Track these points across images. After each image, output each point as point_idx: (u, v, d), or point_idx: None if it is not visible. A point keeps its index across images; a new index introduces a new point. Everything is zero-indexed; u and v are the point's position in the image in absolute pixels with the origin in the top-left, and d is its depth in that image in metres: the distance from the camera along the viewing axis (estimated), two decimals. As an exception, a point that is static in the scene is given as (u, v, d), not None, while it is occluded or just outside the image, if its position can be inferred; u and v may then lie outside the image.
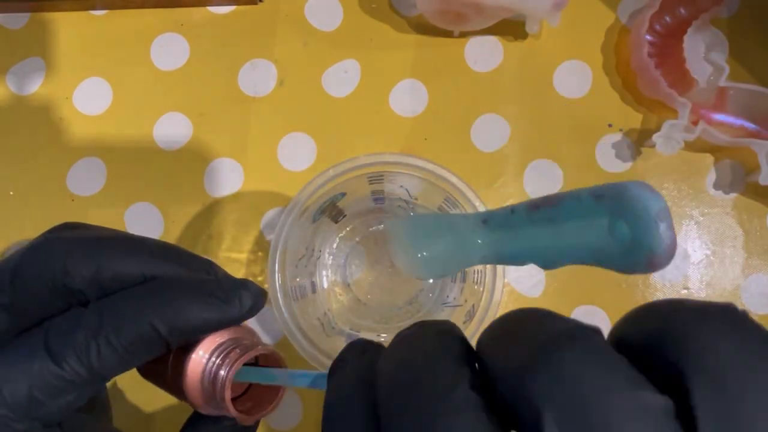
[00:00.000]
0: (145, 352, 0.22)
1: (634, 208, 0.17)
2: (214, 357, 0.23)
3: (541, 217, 0.21)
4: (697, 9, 0.42)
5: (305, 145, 0.46)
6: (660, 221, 0.16)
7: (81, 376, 0.21)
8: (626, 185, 0.17)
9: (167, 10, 0.48)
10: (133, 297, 0.22)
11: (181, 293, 0.22)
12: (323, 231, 0.42)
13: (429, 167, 0.34)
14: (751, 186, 0.44)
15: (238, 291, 0.23)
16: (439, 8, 0.42)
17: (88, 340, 0.21)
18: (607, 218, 0.18)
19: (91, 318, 0.21)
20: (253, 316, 0.24)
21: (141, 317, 0.21)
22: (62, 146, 0.46)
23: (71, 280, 0.22)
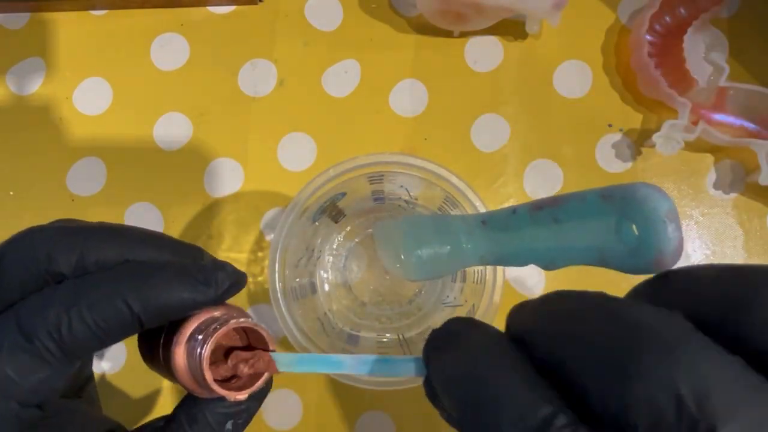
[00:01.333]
0: (118, 330, 0.21)
1: (643, 208, 0.17)
2: (197, 336, 0.22)
3: (545, 218, 0.21)
4: (697, 9, 0.42)
5: (305, 145, 0.46)
6: (669, 222, 0.17)
7: (52, 352, 0.20)
8: (635, 186, 0.17)
9: (167, 10, 0.48)
10: (108, 275, 0.22)
11: (156, 272, 0.22)
12: (323, 231, 0.42)
13: (429, 167, 0.34)
14: (751, 186, 0.44)
15: (216, 272, 0.23)
16: (439, 8, 0.42)
17: (60, 315, 0.20)
18: (614, 219, 0.18)
19: (64, 294, 0.21)
20: (231, 296, 0.23)
21: (114, 294, 0.21)
22: (62, 146, 0.46)
23: (55, 266, 0.22)
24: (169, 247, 0.24)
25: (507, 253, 0.25)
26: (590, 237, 0.19)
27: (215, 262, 0.24)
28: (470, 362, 0.17)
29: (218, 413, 0.24)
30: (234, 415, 0.25)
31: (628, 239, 0.18)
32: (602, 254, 0.19)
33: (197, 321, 0.23)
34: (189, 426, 0.24)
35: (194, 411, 0.24)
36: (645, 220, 0.17)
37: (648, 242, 0.17)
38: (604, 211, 0.19)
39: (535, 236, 0.22)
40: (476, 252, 0.27)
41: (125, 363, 0.44)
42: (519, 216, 0.23)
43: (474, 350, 0.17)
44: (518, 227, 0.23)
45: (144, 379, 0.44)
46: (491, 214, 0.26)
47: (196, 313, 0.23)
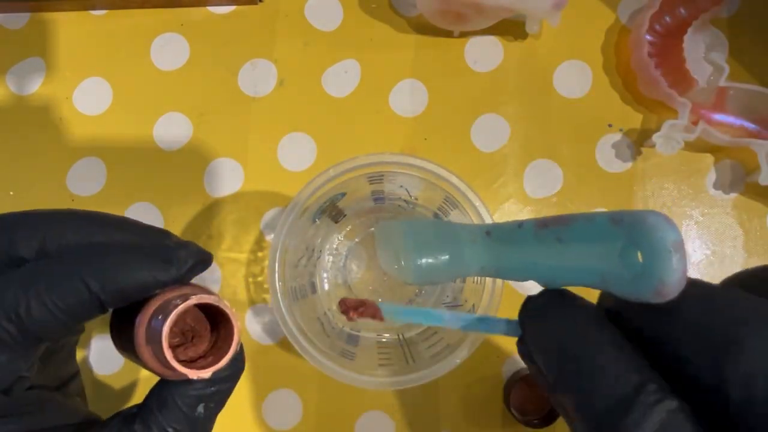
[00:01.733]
0: (78, 310, 0.21)
1: (650, 236, 0.17)
2: (157, 314, 0.22)
3: (550, 236, 0.21)
4: (697, 9, 0.42)
5: (305, 145, 0.46)
6: (674, 252, 0.17)
7: (10, 333, 0.20)
8: (645, 213, 0.17)
9: (167, 10, 0.48)
10: (67, 257, 0.21)
11: (117, 253, 0.22)
12: (323, 231, 0.42)
13: (429, 167, 0.34)
14: (751, 186, 0.44)
15: (178, 250, 0.22)
16: (439, 8, 0.42)
17: (18, 296, 0.20)
18: (620, 243, 0.18)
19: (22, 275, 0.21)
20: (196, 275, 0.23)
21: (72, 273, 0.21)
22: (62, 146, 0.46)
23: (16, 250, 0.21)
24: (133, 231, 0.24)
25: (508, 267, 0.25)
26: (594, 259, 0.19)
27: (178, 242, 0.23)
28: (571, 330, 0.19)
29: (189, 396, 0.23)
30: (205, 397, 0.24)
31: (631, 265, 0.18)
32: (604, 278, 0.19)
33: (160, 300, 0.22)
34: (159, 410, 0.23)
35: (164, 394, 0.23)
36: (651, 248, 0.17)
37: (652, 270, 0.17)
38: (611, 235, 0.19)
39: (538, 253, 0.22)
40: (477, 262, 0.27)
41: (124, 364, 0.44)
42: (524, 231, 0.23)
43: (575, 319, 0.19)
44: (522, 242, 0.23)
45: (141, 381, 0.44)
46: (496, 226, 0.25)
47: (160, 293, 0.22)
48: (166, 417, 0.23)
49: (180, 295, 0.22)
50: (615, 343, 0.17)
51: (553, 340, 0.19)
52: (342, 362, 0.33)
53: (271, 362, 0.44)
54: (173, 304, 0.22)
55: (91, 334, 0.45)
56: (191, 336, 0.23)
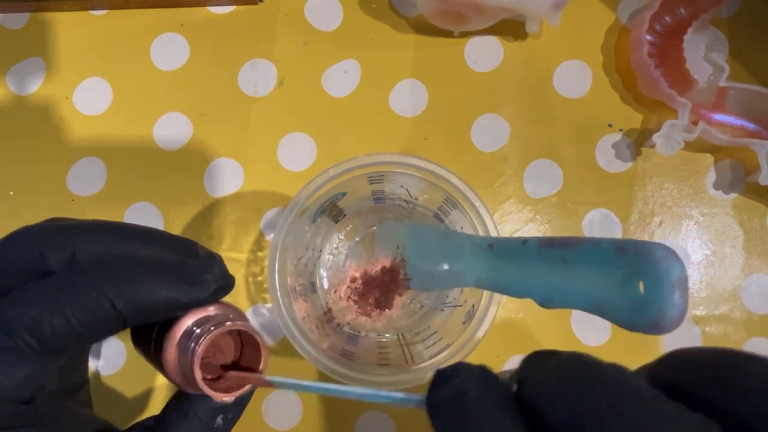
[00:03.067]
0: (101, 327, 0.21)
1: (656, 268, 0.17)
2: (188, 335, 0.22)
3: (554, 256, 0.21)
4: (697, 9, 0.42)
5: (305, 145, 0.46)
6: (678, 288, 0.17)
7: (33, 347, 0.20)
8: (653, 245, 0.17)
9: (167, 10, 0.48)
10: (92, 272, 0.21)
11: (141, 270, 0.22)
12: (323, 231, 0.42)
13: (429, 167, 0.34)
14: (751, 186, 0.44)
15: (203, 273, 0.22)
16: (439, 8, 0.42)
17: (41, 311, 0.20)
18: (623, 272, 0.18)
19: (45, 290, 0.21)
20: (220, 298, 0.23)
21: (97, 290, 0.20)
22: (62, 146, 0.46)
23: (47, 263, 0.21)
24: (164, 243, 0.24)
25: (506, 282, 0.24)
26: (594, 284, 0.19)
27: (205, 261, 0.23)
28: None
29: (208, 408, 0.24)
30: (224, 409, 0.24)
31: (631, 295, 0.18)
32: (601, 304, 0.19)
33: (191, 319, 0.23)
34: (179, 421, 0.24)
35: (184, 407, 0.24)
36: (655, 280, 0.17)
37: (652, 302, 0.17)
38: (615, 263, 0.19)
39: (538, 272, 0.22)
40: (474, 274, 0.27)
41: (124, 364, 0.44)
42: (528, 248, 0.23)
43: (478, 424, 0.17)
44: (524, 259, 0.23)
45: (142, 380, 0.44)
46: (500, 240, 0.25)
47: (191, 312, 0.23)
48: (185, 429, 0.24)
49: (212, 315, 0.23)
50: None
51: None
52: (342, 362, 0.33)
53: (271, 362, 0.44)
54: (208, 327, 0.22)
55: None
56: (214, 352, 0.24)
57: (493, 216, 0.44)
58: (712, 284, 0.43)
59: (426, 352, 0.35)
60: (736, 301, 0.43)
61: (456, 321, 0.37)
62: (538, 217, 0.44)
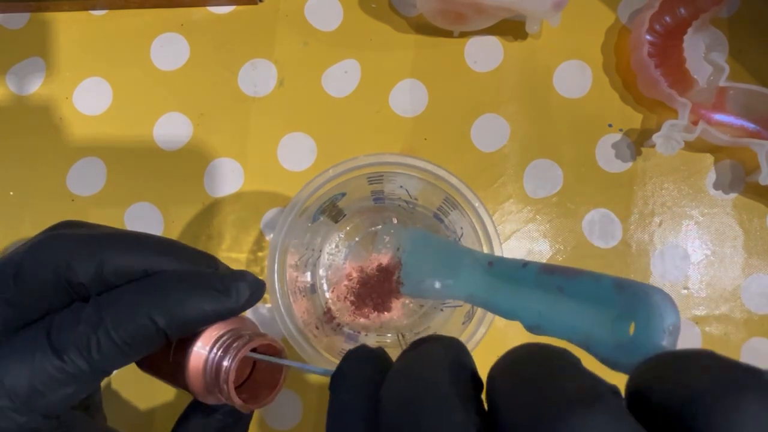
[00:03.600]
0: (144, 344, 0.22)
1: (651, 312, 0.17)
2: (216, 349, 0.23)
3: (551, 283, 0.21)
4: (697, 9, 0.42)
5: (305, 145, 0.46)
6: (669, 335, 0.17)
7: (81, 369, 0.21)
8: (652, 289, 0.17)
9: (167, 10, 0.48)
10: (132, 291, 0.22)
11: (179, 286, 0.22)
12: (323, 231, 0.42)
13: (428, 168, 0.34)
14: (751, 186, 0.44)
15: (236, 282, 0.23)
16: (439, 8, 0.42)
17: (89, 334, 0.21)
18: (617, 310, 0.18)
19: (91, 312, 0.21)
20: (251, 306, 0.24)
21: (140, 311, 0.21)
22: (62, 146, 0.46)
23: (74, 275, 0.22)
24: (185, 256, 0.24)
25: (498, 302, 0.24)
26: (585, 318, 0.19)
27: (234, 273, 0.24)
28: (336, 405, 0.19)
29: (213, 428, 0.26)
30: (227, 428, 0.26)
31: (620, 334, 0.18)
32: (588, 339, 0.19)
33: (217, 331, 0.23)
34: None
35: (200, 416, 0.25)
36: (647, 323, 0.17)
37: (640, 344, 0.17)
38: (611, 300, 0.19)
39: (532, 297, 0.22)
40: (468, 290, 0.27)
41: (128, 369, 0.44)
42: (527, 272, 0.23)
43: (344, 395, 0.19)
44: (521, 282, 0.23)
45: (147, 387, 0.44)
46: (500, 260, 0.25)
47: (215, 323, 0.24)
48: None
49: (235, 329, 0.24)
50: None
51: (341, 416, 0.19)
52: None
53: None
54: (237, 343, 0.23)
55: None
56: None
57: (493, 216, 0.44)
58: (712, 284, 0.43)
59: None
60: (736, 301, 0.43)
61: (456, 321, 0.37)
62: (538, 217, 0.44)
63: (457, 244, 0.36)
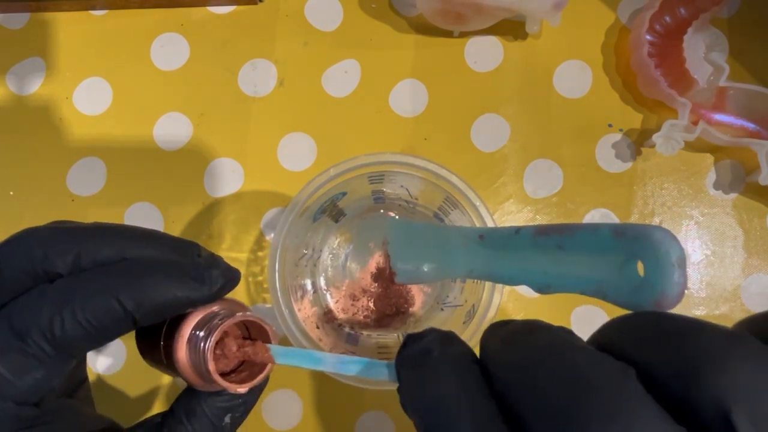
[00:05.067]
0: (112, 328, 0.21)
1: (656, 250, 0.17)
2: (198, 331, 0.23)
3: (549, 243, 0.21)
4: (697, 9, 0.42)
5: (305, 145, 0.46)
6: (678, 267, 0.17)
7: (46, 352, 0.20)
8: (651, 228, 0.18)
9: (167, 10, 0.48)
10: (101, 273, 0.22)
11: (150, 271, 0.22)
12: (323, 230, 0.42)
13: (429, 167, 0.34)
14: (751, 186, 0.44)
15: (209, 270, 0.23)
16: (439, 8, 0.42)
17: (53, 314, 0.20)
18: (621, 255, 0.19)
19: (57, 293, 0.21)
20: (227, 293, 0.23)
21: (107, 292, 0.21)
22: (62, 146, 0.46)
23: (51, 265, 0.21)
24: (166, 245, 0.24)
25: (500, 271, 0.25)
26: (592, 269, 0.20)
27: (208, 259, 0.24)
28: (434, 390, 0.17)
29: (217, 407, 0.24)
30: (232, 408, 0.25)
31: (631, 277, 0.18)
32: (601, 287, 0.19)
33: (199, 316, 0.23)
34: (187, 419, 0.24)
35: (193, 405, 0.24)
36: (656, 262, 0.17)
37: (654, 283, 0.17)
38: (613, 247, 0.19)
39: (533, 260, 0.22)
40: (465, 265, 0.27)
41: (125, 362, 0.44)
42: (521, 237, 0.23)
43: (440, 378, 0.17)
44: (518, 248, 0.23)
45: (144, 379, 0.44)
46: (491, 230, 0.26)
47: (197, 309, 0.23)
48: (194, 427, 0.24)
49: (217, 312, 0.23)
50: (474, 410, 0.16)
51: (419, 399, 0.18)
52: (342, 362, 0.33)
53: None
54: (216, 321, 0.23)
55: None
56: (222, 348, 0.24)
57: (493, 216, 0.44)
58: (712, 284, 0.43)
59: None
60: (736, 301, 0.43)
61: (456, 321, 0.37)
62: (538, 217, 0.44)
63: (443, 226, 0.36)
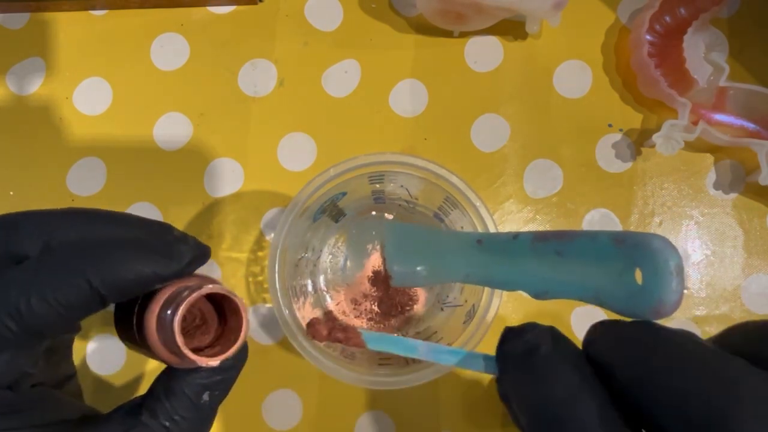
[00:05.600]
0: (80, 306, 0.21)
1: (655, 259, 0.18)
2: (167, 307, 0.22)
3: (548, 250, 0.21)
4: (697, 9, 0.42)
5: (305, 145, 0.46)
6: (676, 275, 0.17)
7: (12, 331, 0.20)
8: (650, 236, 0.18)
9: (167, 10, 0.48)
10: (68, 252, 0.22)
11: (116, 248, 0.22)
12: (323, 230, 0.42)
13: (429, 167, 0.34)
14: (751, 186, 0.44)
15: (178, 245, 0.23)
16: (439, 8, 0.42)
17: (19, 294, 0.20)
18: (620, 263, 0.19)
19: (23, 272, 0.21)
20: (195, 269, 0.23)
21: (74, 270, 0.21)
22: (62, 146, 0.46)
23: (21, 247, 0.22)
24: (136, 225, 0.24)
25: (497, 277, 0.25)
26: (590, 276, 0.20)
27: (178, 236, 0.24)
28: (554, 392, 0.18)
29: (195, 384, 0.24)
30: (211, 386, 0.24)
31: (629, 285, 0.18)
32: (598, 294, 0.20)
33: (168, 292, 0.23)
34: (166, 398, 0.24)
35: (171, 383, 0.24)
36: (654, 270, 0.18)
37: (652, 291, 0.18)
38: (612, 255, 0.19)
39: (531, 266, 0.22)
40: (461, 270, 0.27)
41: (125, 363, 0.44)
42: (520, 243, 0.23)
43: (553, 376, 0.18)
44: (516, 253, 0.23)
45: (143, 379, 0.44)
46: (489, 236, 0.26)
47: (167, 285, 0.23)
48: (173, 405, 0.24)
49: (188, 286, 0.23)
50: (592, 409, 0.17)
51: (534, 397, 0.18)
52: (342, 362, 0.33)
53: (271, 362, 0.44)
54: (184, 294, 0.22)
55: (90, 334, 0.44)
56: (199, 324, 0.24)
57: (493, 216, 0.44)
58: (712, 284, 0.43)
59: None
60: (736, 301, 0.43)
61: (456, 321, 0.37)
62: (538, 217, 0.44)
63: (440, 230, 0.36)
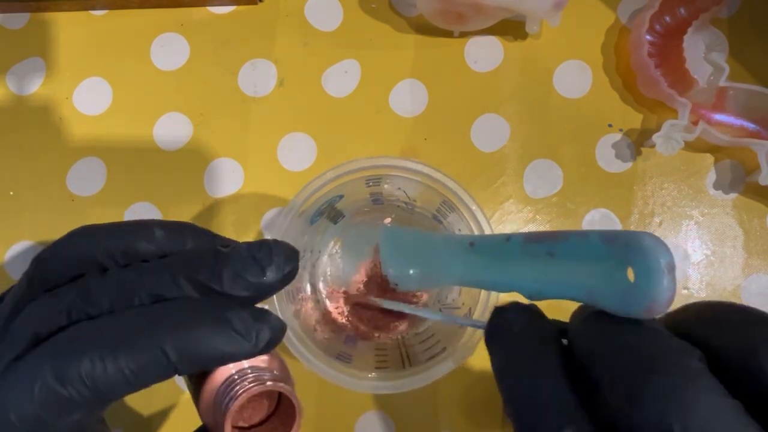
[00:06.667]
0: (153, 376, 0.21)
1: (646, 257, 0.18)
2: (224, 386, 0.22)
3: (540, 251, 0.21)
4: (697, 9, 0.42)
5: (305, 145, 0.46)
6: (667, 273, 0.18)
7: (85, 397, 0.20)
8: (641, 235, 0.18)
9: (167, 10, 0.48)
10: (148, 316, 0.21)
11: (197, 319, 0.21)
12: (321, 232, 0.42)
13: (425, 171, 0.33)
14: (751, 186, 0.44)
15: (259, 325, 0.22)
16: (439, 8, 0.42)
17: (94, 361, 0.20)
18: (612, 262, 0.19)
19: (100, 335, 0.21)
20: (269, 351, 0.23)
21: (152, 341, 0.20)
22: (62, 146, 0.47)
23: (94, 255, 0.23)
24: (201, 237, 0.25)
25: (490, 279, 0.25)
26: (583, 275, 0.20)
27: (258, 313, 0.23)
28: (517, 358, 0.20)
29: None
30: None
31: (621, 283, 0.19)
32: (591, 293, 0.20)
33: (234, 368, 0.23)
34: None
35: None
36: (646, 268, 0.18)
37: (644, 289, 0.18)
38: (603, 254, 0.19)
39: (524, 267, 0.22)
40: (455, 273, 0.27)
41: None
42: (512, 244, 0.23)
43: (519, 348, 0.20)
44: (509, 255, 0.23)
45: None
46: (482, 238, 0.26)
47: None
48: None
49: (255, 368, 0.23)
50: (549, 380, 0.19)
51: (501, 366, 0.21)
52: (338, 366, 0.33)
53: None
54: (246, 381, 0.22)
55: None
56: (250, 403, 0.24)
57: (493, 216, 0.44)
58: (712, 284, 0.43)
59: (423, 355, 0.35)
60: (736, 302, 0.43)
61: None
62: (538, 217, 0.44)
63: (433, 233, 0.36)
